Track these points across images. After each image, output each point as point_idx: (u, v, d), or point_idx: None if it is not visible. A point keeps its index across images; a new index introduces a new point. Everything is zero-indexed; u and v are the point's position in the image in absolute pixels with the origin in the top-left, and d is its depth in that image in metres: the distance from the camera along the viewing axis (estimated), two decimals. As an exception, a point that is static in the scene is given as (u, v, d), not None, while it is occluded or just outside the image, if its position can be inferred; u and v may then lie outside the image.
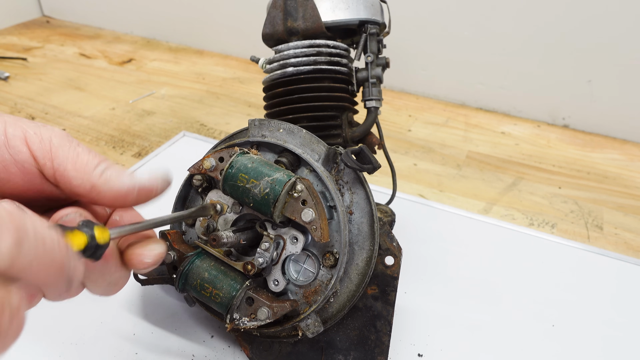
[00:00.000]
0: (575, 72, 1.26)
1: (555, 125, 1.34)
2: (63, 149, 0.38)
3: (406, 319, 0.70)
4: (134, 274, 0.65)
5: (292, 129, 0.59)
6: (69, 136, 0.40)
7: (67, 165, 0.38)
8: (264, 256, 0.54)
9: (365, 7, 0.73)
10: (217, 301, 0.54)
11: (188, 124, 1.25)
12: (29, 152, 0.38)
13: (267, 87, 0.73)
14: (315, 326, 0.56)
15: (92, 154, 0.39)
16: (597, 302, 0.75)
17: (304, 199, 0.52)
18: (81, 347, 0.64)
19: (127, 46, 1.74)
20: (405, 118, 1.34)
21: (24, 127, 0.38)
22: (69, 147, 0.38)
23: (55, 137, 0.39)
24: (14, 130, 0.38)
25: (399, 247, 0.58)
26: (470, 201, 1.00)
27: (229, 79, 1.53)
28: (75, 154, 0.38)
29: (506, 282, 0.78)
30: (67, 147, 0.38)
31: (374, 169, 0.55)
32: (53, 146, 0.38)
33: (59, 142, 0.38)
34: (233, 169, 0.53)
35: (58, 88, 1.42)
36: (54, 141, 0.38)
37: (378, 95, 0.75)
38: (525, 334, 0.69)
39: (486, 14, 1.29)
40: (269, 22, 0.72)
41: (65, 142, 0.39)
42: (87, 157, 0.38)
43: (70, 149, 0.38)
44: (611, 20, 1.16)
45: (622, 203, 1.03)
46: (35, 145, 0.38)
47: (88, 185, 0.37)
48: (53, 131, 0.39)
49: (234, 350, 0.64)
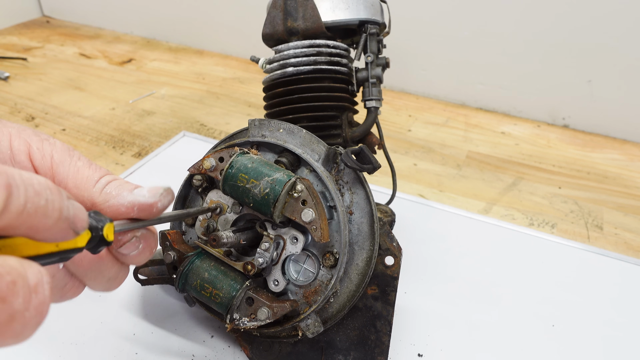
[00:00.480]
0: (575, 72, 1.26)
1: (555, 125, 1.34)
2: (64, 165, 0.38)
3: (406, 319, 0.70)
4: (134, 274, 0.65)
5: (292, 129, 0.59)
6: (70, 150, 0.39)
7: (67, 182, 0.38)
8: (264, 256, 0.54)
9: (365, 7, 0.73)
10: (217, 301, 0.54)
11: (188, 124, 1.25)
12: (32, 168, 0.38)
13: (267, 87, 0.73)
14: (315, 326, 0.56)
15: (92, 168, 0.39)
16: (597, 302, 0.75)
17: (304, 199, 0.52)
18: (81, 347, 0.64)
19: (127, 46, 1.74)
20: (405, 118, 1.34)
21: (28, 141, 0.38)
22: (70, 163, 0.38)
23: (57, 152, 0.38)
24: (19, 145, 0.38)
25: (399, 247, 0.58)
26: (470, 201, 1.00)
27: (229, 79, 1.53)
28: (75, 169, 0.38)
29: (506, 282, 0.78)
30: (68, 163, 0.38)
31: (374, 169, 0.55)
32: (54, 162, 0.38)
33: (60, 157, 0.38)
34: (233, 169, 0.53)
35: (58, 88, 1.42)
36: (55, 157, 0.38)
37: (378, 95, 0.75)
38: (525, 334, 0.69)
39: (486, 14, 1.29)
40: (269, 22, 0.72)
41: (65, 158, 0.38)
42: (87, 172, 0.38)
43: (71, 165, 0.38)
44: (611, 20, 1.16)
45: (622, 203, 1.03)
46: (37, 162, 0.38)
47: (89, 203, 0.37)
48: (54, 146, 0.39)
49: (234, 350, 0.64)
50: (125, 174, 0.99)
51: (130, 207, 0.37)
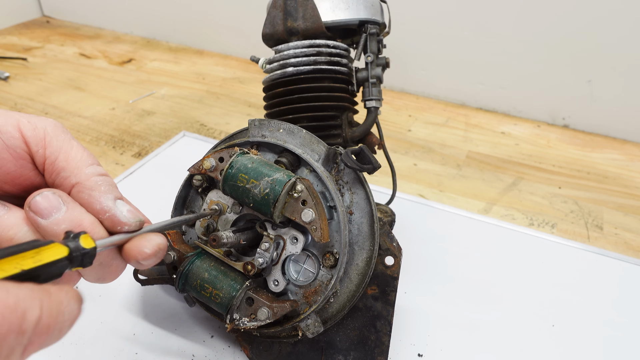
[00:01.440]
0: (575, 72, 1.26)
1: (555, 125, 1.34)
2: (57, 139, 0.38)
3: (406, 319, 0.70)
4: (134, 274, 0.65)
5: (292, 129, 0.59)
6: (64, 128, 0.39)
7: (59, 155, 0.37)
8: (264, 256, 0.54)
9: (365, 7, 0.72)
10: (217, 301, 0.54)
11: (188, 124, 1.25)
12: (22, 138, 0.37)
13: (267, 87, 0.73)
14: (315, 326, 0.56)
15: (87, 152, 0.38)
16: (597, 302, 0.75)
17: (304, 199, 0.52)
18: (81, 347, 0.64)
19: (127, 46, 1.74)
20: (405, 118, 1.34)
21: (17, 117, 0.38)
22: (64, 139, 0.38)
23: (50, 126, 0.38)
24: (7, 119, 0.37)
25: (399, 247, 0.58)
26: (470, 201, 1.00)
27: (229, 79, 1.53)
28: (69, 146, 0.38)
29: (506, 282, 0.78)
30: (62, 139, 0.38)
31: (374, 169, 0.55)
32: (47, 134, 0.38)
33: (54, 131, 0.38)
34: (233, 169, 0.53)
35: (58, 88, 1.41)
36: (48, 130, 0.38)
37: (378, 95, 0.75)
38: (525, 334, 0.69)
39: (486, 14, 1.29)
40: (269, 22, 0.72)
41: (59, 133, 0.38)
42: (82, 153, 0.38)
43: (65, 141, 0.38)
44: (611, 20, 1.16)
45: (622, 203, 1.03)
46: (28, 132, 0.37)
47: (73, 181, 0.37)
48: (47, 121, 0.39)
49: (234, 350, 0.64)
50: (125, 174, 0.99)
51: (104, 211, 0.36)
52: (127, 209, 0.37)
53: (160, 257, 0.38)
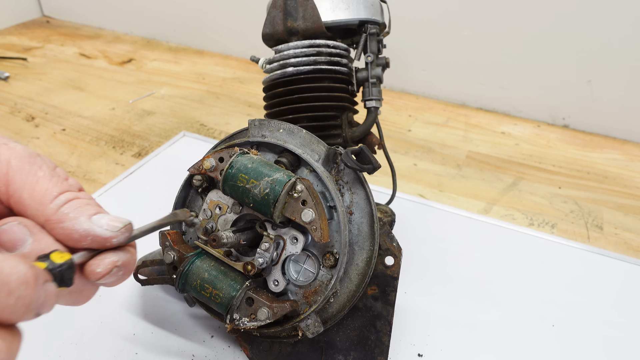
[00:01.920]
0: (575, 72, 1.26)
1: (555, 125, 1.34)
2: (21, 173, 0.34)
3: (406, 319, 0.70)
4: (134, 274, 0.65)
5: (292, 129, 0.59)
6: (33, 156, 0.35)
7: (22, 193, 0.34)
8: (264, 256, 0.54)
9: (365, 7, 0.72)
10: (217, 301, 0.54)
11: (188, 124, 1.25)
12: None
13: (267, 87, 0.73)
14: (315, 326, 0.56)
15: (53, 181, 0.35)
16: (597, 302, 0.75)
17: (304, 199, 0.52)
18: (81, 347, 0.64)
19: (127, 46, 1.74)
20: (405, 118, 1.34)
21: None
22: (29, 171, 0.34)
23: (15, 158, 0.34)
24: None
25: (399, 247, 0.58)
26: (470, 201, 1.00)
27: (229, 79, 1.53)
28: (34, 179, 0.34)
29: (506, 282, 0.78)
30: (27, 172, 0.34)
31: (374, 169, 0.55)
32: (10, 169, 0.34)
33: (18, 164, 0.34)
34: (233, 169, 0.53)
35: (58, 88, 1.42)
36: (12, 163, 0.34)
37: (378, 95, 0.75)
38: (525, 334, 0.69)
39: (486, 14, 1.29)
40: (269, 22, 0.72)
41: (24, 165, 0.34)
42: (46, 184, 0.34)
43: (30, 174, 0.34)
44: (611, 20, 1.16)
45: (622, 203, 1.03)
46: None
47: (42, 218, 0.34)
48: (13, 151, 0.35)
49: (234, 350, 0.64)
50: (125, 174, 0.99)
51: (84, 236, 0.33)
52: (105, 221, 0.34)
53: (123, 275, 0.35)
